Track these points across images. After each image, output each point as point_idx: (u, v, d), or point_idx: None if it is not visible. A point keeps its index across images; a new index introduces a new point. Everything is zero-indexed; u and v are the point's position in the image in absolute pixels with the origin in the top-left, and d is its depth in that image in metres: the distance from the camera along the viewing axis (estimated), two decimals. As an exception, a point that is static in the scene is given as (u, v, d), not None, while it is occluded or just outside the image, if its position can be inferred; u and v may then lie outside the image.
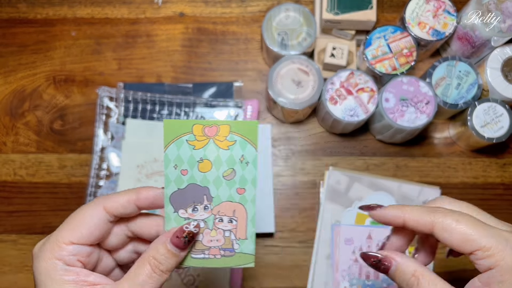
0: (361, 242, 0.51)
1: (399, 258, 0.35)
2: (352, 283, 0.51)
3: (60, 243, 0.33)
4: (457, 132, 0.65)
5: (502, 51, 0.62)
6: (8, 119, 0.68)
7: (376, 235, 0.50)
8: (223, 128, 0.39)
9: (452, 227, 0.33)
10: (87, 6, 0.71)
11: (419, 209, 0.34)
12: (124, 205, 0.35)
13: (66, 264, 0.33)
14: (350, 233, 0.51)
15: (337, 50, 0.64)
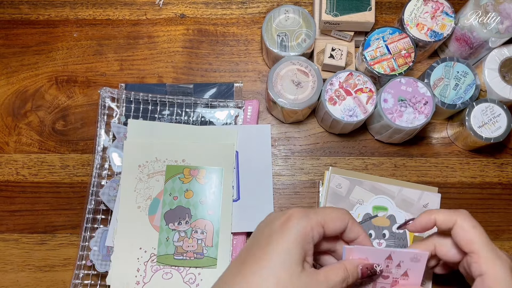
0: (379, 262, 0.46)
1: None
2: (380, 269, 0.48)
3: (319, 223, 0.43)
4: (455, 132, 0.66)
5: (499, 52, 0.62)
6: (10, 120, 0.69)
7: (398, 257, 0.46)
8: (202, 171, 0.63)
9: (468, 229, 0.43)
10: (89, 7, 0.72)
11: (445, 210, 0.45)
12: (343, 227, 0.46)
13: (312, 237, 0.42)
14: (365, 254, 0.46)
15: (336, 51, 0.65)
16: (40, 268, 0.64)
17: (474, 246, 0.42)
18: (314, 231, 0.42)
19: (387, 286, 0.48)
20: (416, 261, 0.46)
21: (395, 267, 0.46)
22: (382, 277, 0.47)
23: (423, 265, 0.46)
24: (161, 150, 0.64)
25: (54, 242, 0.65)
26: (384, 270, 0.47)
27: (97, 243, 0.62)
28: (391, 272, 0.47)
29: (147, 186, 0.63)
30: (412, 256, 0.46)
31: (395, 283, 0.47)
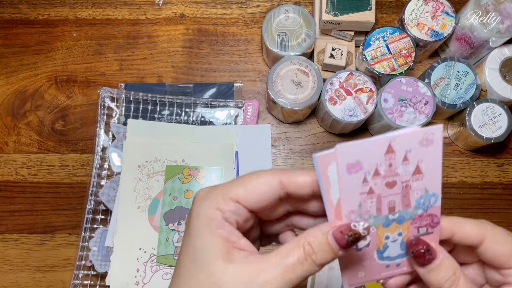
0: (376, 161, 0.31)
1: (444, 253, 0.33)
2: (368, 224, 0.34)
3: (228, 197, 0.31)
4: (455, 132, 0.66)
5: (500, 52, 0.62)
6: (10, 120, 0.68)
7: (401, 146, 0.31)
8: (202, 171, 0.62)
9: (505, 240, 0.33)
10: (88, 7, 0.72)
11: (467, 221, 0.33)
12: (301, 186, 0.32)
13: (225, 218, 0.31)
14: (353, 154, 0.31)
15: (337, 51, 0.65)
16: (40, 268, 0.64)
17: None
18: (225, 211, 0.31)
19: (397, 198, 0.32)
20: (428, 143, 0.31)
21: (401, 164, 0.31)
22: (387, 186, 0.32)
23: (439, 148, 0.31)
24: (160, 150, 0.64)
25: (54, 242, 0.65)
26: (387, 174, 0.32)
27: (96, 244, 0.62)
28: (397, 173, 0.31)
29: (147, 186, 0.63)
30: (422, 136, 0.31)
31: (407, 191, 0.32)
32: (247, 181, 0.32)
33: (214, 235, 0.30)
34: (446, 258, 0.33)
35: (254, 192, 0.32)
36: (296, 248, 0.30)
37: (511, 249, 0.33)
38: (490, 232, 0.33)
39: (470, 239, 0.33)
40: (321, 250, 0.30)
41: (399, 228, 0.33)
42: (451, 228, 0.33)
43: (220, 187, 0.32)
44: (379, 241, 0.33)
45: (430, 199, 0.32)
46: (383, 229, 0.33)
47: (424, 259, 0.32)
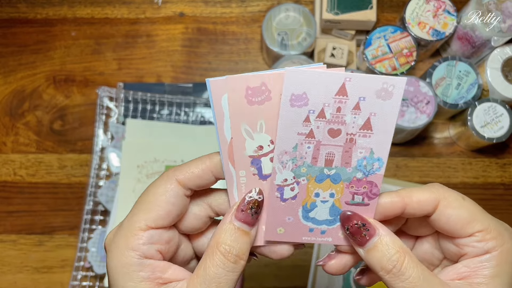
0: (324, 100, 0.27)
1: (384, 229, 0.29)
2: (299, 173, 0.29)
3: (135, 229, 0.28)
4: (457, 132, 0.65)
5: (502, 51, 0.62)
6: (8, 119, 0.68)
7: (356, 89, 0.27)
8: None
9: (459, 204, 0.29)
10: (87, 6, 0.71)
11: (417, 189, 0.30)
12: (199, 175, 0.29)
13: (144, 255, 0.28)
14: (302, 84, 0.27)
15: (337, 50, 0.64)
16: (38, 269, 0.64)
17: (475, 224, 0.29)
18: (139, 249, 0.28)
19: (338, 151, 0.29)
20: (386, 96, 0.27)
21: (350, 112, 0.28)
22: (330, 134, 0.28)
23: (397, 105, 0.28)
24: (160, 150, 0.63)
25: (52, 243, 0.64)
26: (333, 119, 0.28)
27: (95, 244, 0.61)
28: (344, 121, 0.28)
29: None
30: (380, 85, 0.27)
31: (351, 145, 0.29)
32: (145, 201, 0.29)
33: (138, 283, 0.28)
34: (386, 234, 0.29)
35: (159, 207, 0.29)
36: (212, 255, 0.28)
37: (466, 214, 0.29)
38: (443, 195, 0.29)
39: (423, 207, 0.29)
40: (236, 241, 0.28)
41: (332, 187, 0.30)
42: (402, 201, 0.29)
43: (125, 223, 0.29)
44: (308, 196, 0.30)
45: (373, 164, 0.29)
46: (315, 184, 0.30)
47: (360, 235, 0.29)
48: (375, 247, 0.28)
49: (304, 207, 0.30)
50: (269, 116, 0.28)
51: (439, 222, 0.29)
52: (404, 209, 0.29)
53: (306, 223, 0.31)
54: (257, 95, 0.27)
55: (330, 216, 0.30)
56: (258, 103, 0.27)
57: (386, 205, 0.30)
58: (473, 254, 0.29)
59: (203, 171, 0.30)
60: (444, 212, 0.29)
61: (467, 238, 0.29)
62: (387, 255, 0.28)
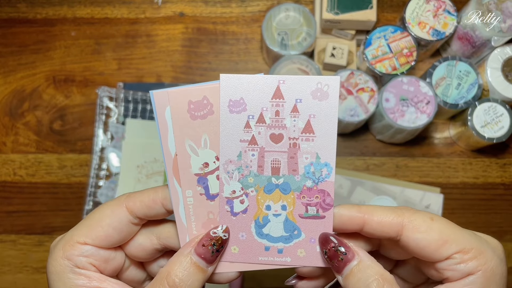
0: (262, 105, 0.27)
1: (363, 254, 0.28)
2: (246, 183, 0.28)
3: (73, 241, 0.28)
4: (457, 132, 0.65)
5: (502, 51, 0.62)
6: (7, 119, 0.68)
7: (291, 92, 0.27)
8: None
9: (427, 226, 0.27)
10: (86, 6, 0.71)
11: (382, 208, 0.28)
12: (148, 205, 0.29)
13: (76, 266, 0.28)
14: (237, 89, 0.27)
15: (337, 50, 0.64)
16: (38, 269, 0.64)
17: (449, 246, 0.26)
18: (73, 259, 0.28)
19: (283, 158, 0.28)
20: (322, 96, 0.27)
21: (289, 115, 0.27)
22: (272, 139, 0.28)
23: (334, 105, 0.27)
24: (160, 150, 0.63)
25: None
26: (273, 124, 0.27)
27: (95, 245, 0.61)
28: (284, 126, 0.28)
29: (146, 187, 0.62)
30: (314, 85, 0.27)
31: (295, 151, 0.28)
32: (91, 218, 0.29)
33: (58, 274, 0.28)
34: (366, 260, 0.27)
35: (100, 227, 0.28)
36: (159, 284, 0.27)
37: (437, 236, 0.26)
38: (408, 219, 0.27)
39: (384, 229, 0.27)
40: (189, 276, 0.27)
41: (283, 199, 0.29)
42: (362, 217, 0.28)
43: (67, 233, 0.29)
44: (259, 209, 0.29)
45: (321, 170, 0.28)
46: (264, 195, 0.29)
47: (337, 259, 0.27)
48: (352, 272, 0.27)
49: (256, 222, 0.29)
50: (213, 130, 0.27)
51: (409, 248, 0.28)
52: (363, 226, 0.28)
53: (260, 240, 0.29)
54: (199, 109, 0.27)
55: (285, 232, 0.29)
56: (200, 118, 0.27)
57: (343, 219, 0.28)
58: (455, 278, 0.27)
59: (153, 202, 0.29)
60: (411, 236, 0.27)
61: (444, 261, 0.27)
62: (364, 283, 0.26)
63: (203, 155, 0.28)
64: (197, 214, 0.28)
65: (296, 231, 0.29)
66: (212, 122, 0.27)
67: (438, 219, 0.27)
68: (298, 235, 0.29)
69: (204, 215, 0.28)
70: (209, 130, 0.27)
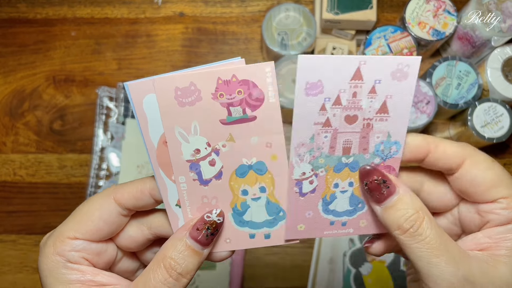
0: (340, 86, 0.26)
1: (404, 188, 0.27)
2: (317, 165, 0.28)
3: (64, 237, 0.28)
4: (457, 132, 0.65)
5: (502, 51, 0.62)
6: (7, 119, 0.68)
7: (371, 73, 0.26)
8: None
9: (488, 165, 0.27)
10: (87, 6, 0.71)
11: (446, 140, 0.28)
12: (136, 196, 0.29)
13: (69, 261, 0.28)
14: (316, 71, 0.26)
15: (337, 50, 0.64)
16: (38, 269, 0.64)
17: (500, 189, 0.27)
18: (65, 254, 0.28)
19: (355, 138, 0.28)
20: (402, 76, 0.27)
21: (366, 96, 0.27)
22: (347, 121, 0.28)
23: (412, 85, 0.27)
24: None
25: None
26: (349, 105, 0.27)
27: (95, 245, 0.62)
28: (360, 107, 0.27)
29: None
30: (395, 66, 0.26)
31: (368, 131, 0.28)
32: (80, 212, 0.29)
33: (66, 285, 0.27)
34: (407, 193, 0.27)
35: (90, 221, 0.28)
36: (156, 268, 0.27)
37: (493, 177, 0.27)
38: (471, 154, 0.27)
39: (447, 160, 0.27)
40: (184, 259, 0.27)
41: (351, 176, 0.29)
42: (426, 146, 0.28)
43: (57, 229, 0.29)
44: (327, 187, 0.29)
45: (391, 148, 0.28)
46: (333, 174, 0.29)
47: (380, 192, 0.27)
48: (393, 205, 0.27)
49: (324, 200, 0.29)
50: (202, 117, 0.27)
51: (462, 182, 0.27)
52: (426, 154, 0.28)
53: (326, 216, 0.30)
54: (186, 96, 0.26)
55: (350, 207, 0.30)
56: (189, 104, 0.26)
57: (410, 147, 0.28)
58: (496, 222, 0.27)
59: (141, 193, 0.29)
60: (469, 171, 0.27)
61: (491, 204, 0.27)
62: (405, 214, 0.26)
63: (193, 142, 0.27)
64: (191, 199, 0.28)
65: (360, 204, 0.30)
66: (201, 108, 0.27)
67: (497, 163, 0.28)
68: (362, 207, 0.30)
69: (199, 199, 0.28)
70: (199, 117, 0.27)
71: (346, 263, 0.62)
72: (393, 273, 0.61)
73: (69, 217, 0.29)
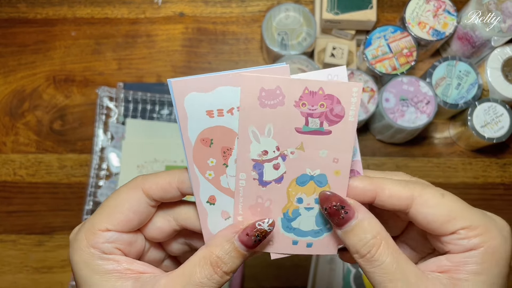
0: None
1: (363, 212, 0.28)
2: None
3: (95, 229, 0.28)
4: (457, 132, 0.65)
5: (502, 51, 0.62)
6: (8, 119, 0.68)
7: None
8: None
9: (437, 202, 0.28)
10: (87, 6, 0.71)
11: (394, 182, 0.29)
12: (164, 188, 0.29)
13: (103, 252, 0.28)
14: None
15: (337, 50, 0.64)
16: (38, 269, 0.64)
17: (456, 222, 0.27)
18: (99, 246, 0.29)
19: None
20: None
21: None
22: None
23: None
24: (160, 150, 0.63)
25: (52, 243, 0.64)
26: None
27: (95, 245, 0.62)
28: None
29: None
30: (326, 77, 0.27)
31: None
32: (109, 205, 0.29)
33: (104, 275, 0.28)
34: (366, 218, 0.28)
35: (120, 213, 0.29)
36: (203, 263, 0.28)
37: (445, 212, 0.27)
38: (419, 193, 0.28)
39: (394, 202, 0.28)
40: (230, 258, 0.28)
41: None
42: (374, 189, 0.28)
43: (88, 222, 0.29)
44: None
45: None
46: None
47: (339, 217, 0.28)
48: (352, 230, 0.28)
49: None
50: (279, 121, 0.27)
51: (417, 221, 0.28)
52: (374, 198, 0.28)
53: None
54: (270, 98, 0.27)
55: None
56: (270, 106, 0.27)
57: (357, 191, 0.29)
58: (457, 251, 0.27)
59: (170, 185, 0.29)
60: (420, 211, 0.28)
61: (449, 236, 0.27)
62: (363, 240, 0.27)
63: (264, 143, 0.28)
64: (246, 197, 0.29)
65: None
66: (281, 113, 0.27)
67: (448, 195, 0.28)
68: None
69: (253, 198, 0.29)
70: (276, 120, 0.27)
71: (346, 263, 0.62)
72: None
73: (98, 210, 0.30)
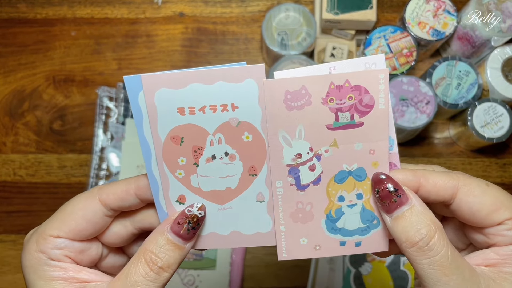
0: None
1: (417, 199, 0.26)
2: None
3: (46, 235, 0.28)
4: (457, 132, 0.65)
5: (502, 51, 0.62)
6: (7, 119, 0.68)
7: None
8: None
9: (482, 191, 0.26)
10: (86, 6, 0.71)
11: (437, 172, 0.27)
12: (121, 197, 0.29)
13: (51, 258, 0.28)
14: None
15: (337, 50, 0.64)
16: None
17: (502, 212, 0.26)
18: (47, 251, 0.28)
19: None
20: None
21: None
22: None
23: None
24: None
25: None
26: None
27: (95, 245, 0.62)
28: None
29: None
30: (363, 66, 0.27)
31: None
32: (64, 211, 0.29)
33: (49, 282, 0.28)
34: (419, 205, 0.26)
35: (73, 220, 0.29)
36: (137, 262, 0.27)
37: (491, 201, 0.26)
38: (464, 182, 0.27)
39: (439, 192, 0.27)
40: (165, 253, 0.27)
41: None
42: (417, 180, 0.27)
43: (41, 226, 0.29)
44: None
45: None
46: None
47: (390, 201, 0.26)
48: (403, 215, 0.26)
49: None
50: (309, 121, 0.26)
51: (461, 212, 0.27)
52: (417, 189, 0.27)
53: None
54: (296, 100, 0.26)
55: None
56: (297, 108, 0.26)
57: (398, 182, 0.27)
58: (504, 243, 0.26)
59: (127, 193, 0.29)
60: (464, 200, 0.26)
61: (495, 227, 0.26)
62: (415, 226, 0.25)
63: (296, 146, 0.27)
64: (285, 204, 0.28)
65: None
66: (309, 112, 0.26)
67: (493, 185, 0.27)
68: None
69: (293, 205, 0.28)
70: (305, 121, 0.26)
71: (346, 263, 0.62)
72: (393, 273, 0.61)
73: (53, 215, 0.29)
